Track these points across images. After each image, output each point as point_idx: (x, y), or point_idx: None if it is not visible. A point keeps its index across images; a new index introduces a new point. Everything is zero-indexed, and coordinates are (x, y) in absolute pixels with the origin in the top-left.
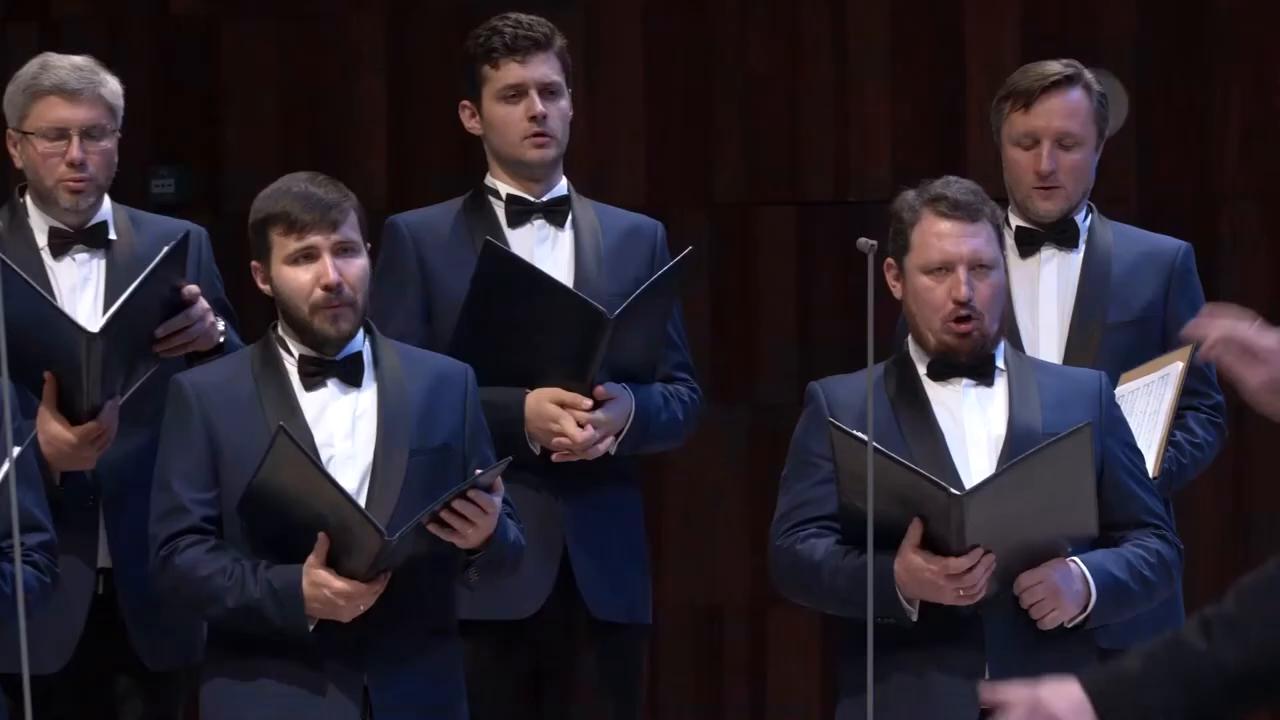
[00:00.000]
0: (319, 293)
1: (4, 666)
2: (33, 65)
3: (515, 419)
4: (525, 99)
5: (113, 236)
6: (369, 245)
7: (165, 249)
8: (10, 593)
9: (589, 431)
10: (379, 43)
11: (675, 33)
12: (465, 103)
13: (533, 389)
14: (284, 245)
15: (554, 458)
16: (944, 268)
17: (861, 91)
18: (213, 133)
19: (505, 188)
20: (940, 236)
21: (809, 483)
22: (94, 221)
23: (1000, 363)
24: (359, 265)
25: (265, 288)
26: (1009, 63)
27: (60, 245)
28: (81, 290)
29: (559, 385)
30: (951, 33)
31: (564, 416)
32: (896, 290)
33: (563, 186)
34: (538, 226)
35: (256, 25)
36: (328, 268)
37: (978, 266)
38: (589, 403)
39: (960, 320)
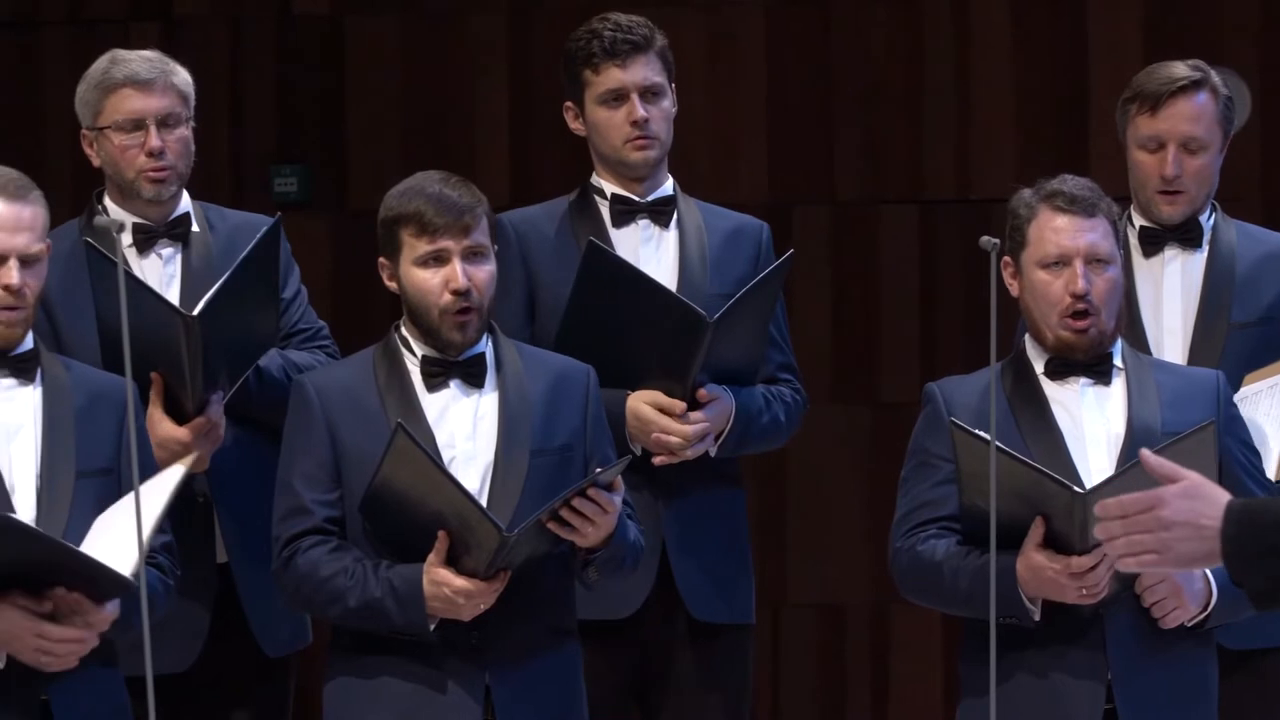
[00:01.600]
0: (447, 297)
1: (133, 669)
2: (101, 62)
3: (617, 421)
4: (626, 103)
5: (195, 229)
6: (496, 247)
7: (259, 234)
8: (155, 588)
9: (693, 427)
10: (501, 41)
11: (797, 31)
12: (569, 104)
13: (634, 390)
14: (414, 246)
15: (655, 461)
16: (1060, 262)
17: (983, 89)
18: (335, 131)
19: (610, 187)
20: (1057, 231)
21: (928, 484)
22: (176, 215)
23: (1118, 361)
24: (488, 270)
25: (391, 285)
26: (1132, 60)
27: (145, 241)
28: (168, 287)
29: (660, 387)
30: (1074, 30)
31: (661, 418)
32: (1014, 288)
33: (668, 186)
34: (642, 226)
35: (379, 23)
36: (457, 272)
37: (1094, 261)
38: (683, 406)
39: (1077, 316)
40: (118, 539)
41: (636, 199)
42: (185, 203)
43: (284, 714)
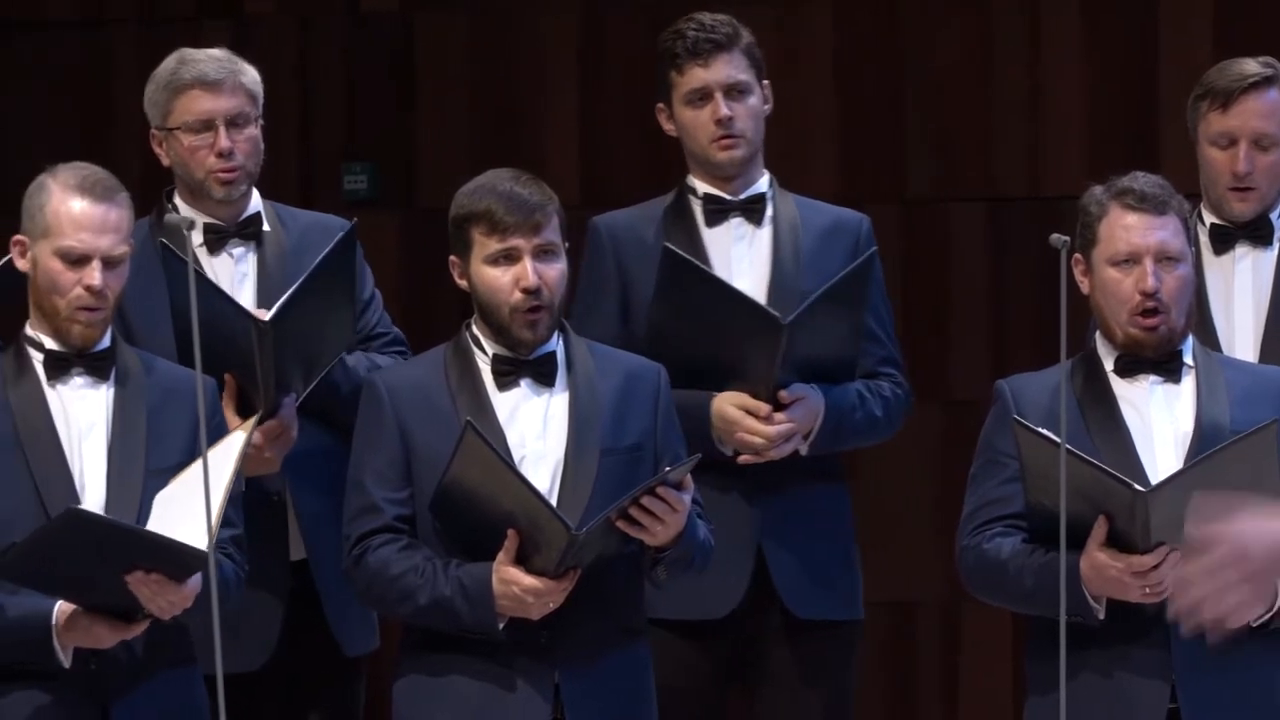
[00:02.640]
0: (518, 295)
1: (211, 668)
2: (170, 62)
3: (703, 421)
4: (711, 102)
5: (266, 229)
6: (566, 245)
7: (334, 240)
8: (228, 577)
9: (775, 428)
10: (571, 38)
11: (867, 29)
12: (660, 106)
13: (720, 391)
14: (485, 245)
15: (739, 460)
16: (1130, 259)
17: (1053, 86)
18: (404, 129)
19: (703, 187)
20: (1127, 229)
21: (995, 481)
22: (247, 214)
23: (1188, 359)
24: (558, 269)
25: (462, 283)
26: (1202, 57)
27: (216, 241)
28: (239, 286)
29: (745, 388)
30: (1144, 26)
31: (746, 419)
32: (1084, 285)
33: (762, 183)
34: (735, 225)
35: (448, 20)
36: (527, 271)
37: (1165, 259)
38: (767, 408)
39: (1147, 314)
40: (188, 518)
41: (729, 198)
42: (256, 202)
43: (356, 715)
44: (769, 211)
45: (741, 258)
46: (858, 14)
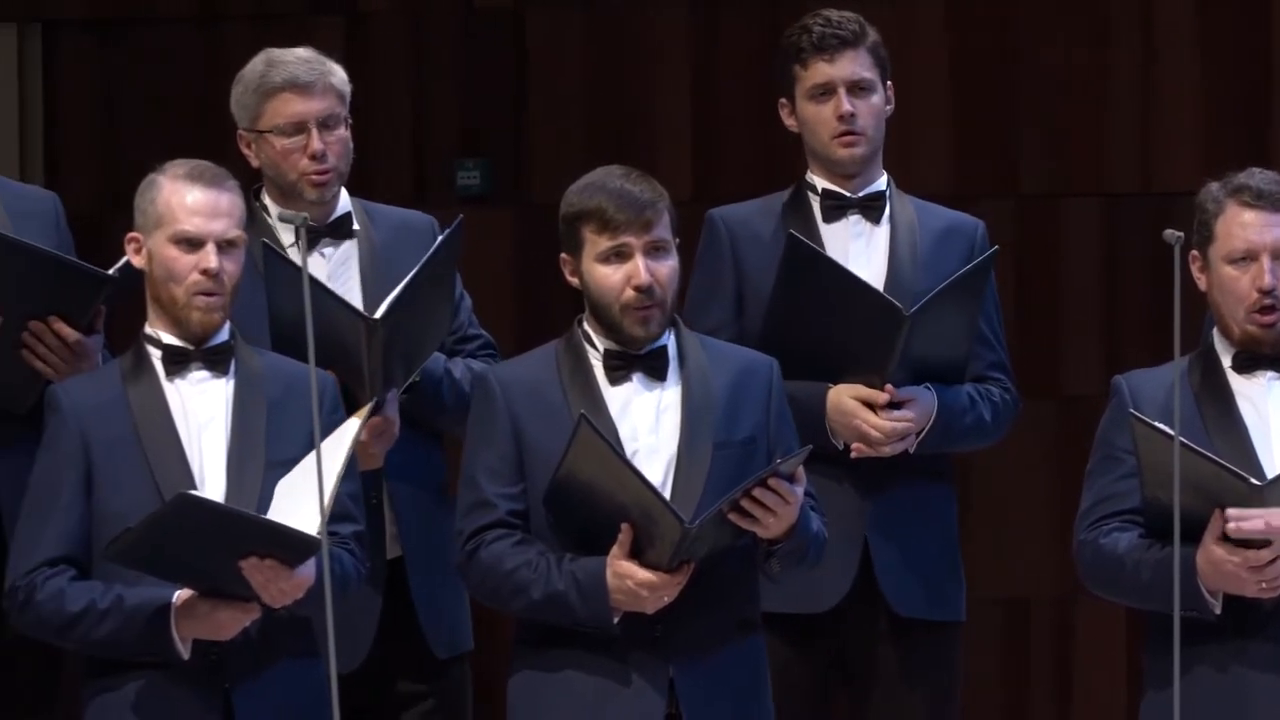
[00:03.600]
0: (630, 293)
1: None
2: (258, 64)
3: (817, 412)
4: (833, 98)
5: (356, 227)
6: (678, 241)
7: (442, 236)
8: (349, 572)
9: (892, 424)
10: (684, 35)
11: (980, 25)
12: (782, 100)
13: (836, 384)
14: (596, 243)
15: (851, 453)
16: (1247, 257)
17: (1167, 82)
18: (517, 124)
19: (822, 183)
20: (1244, 226)
21: (1112, 477)
22: (337, 214)
23: None
24: (670, 265)
25: (574, 280)
26: None
27: (308, 241)
28: (332, 285)
29: (860, 381)
30: (1258, 23)
31: (863, 411)
32: (1201, 282)
33: (881, 182)
34: (852, 222)
35: (561, 17)
36: (639, 268)
37: None
38: (886, 397)
39: (1264, 311)
40: (305, 506)
41: (847, 195)
42: (345, 201)
43: (457, 715)
44: (887, 210)
45: (859, 254)
46: (971, 11)
